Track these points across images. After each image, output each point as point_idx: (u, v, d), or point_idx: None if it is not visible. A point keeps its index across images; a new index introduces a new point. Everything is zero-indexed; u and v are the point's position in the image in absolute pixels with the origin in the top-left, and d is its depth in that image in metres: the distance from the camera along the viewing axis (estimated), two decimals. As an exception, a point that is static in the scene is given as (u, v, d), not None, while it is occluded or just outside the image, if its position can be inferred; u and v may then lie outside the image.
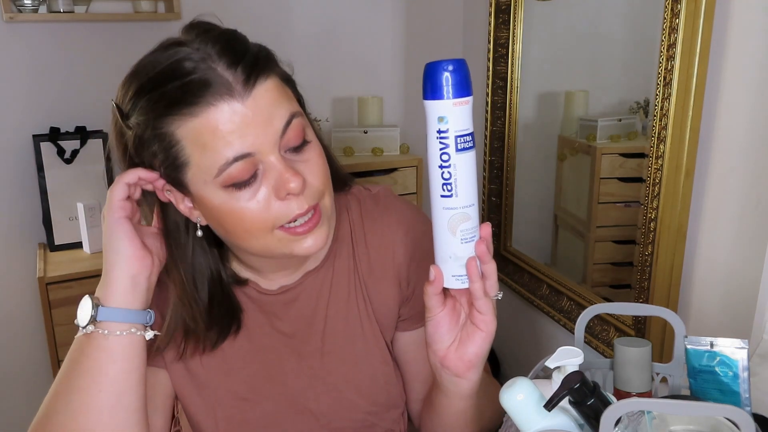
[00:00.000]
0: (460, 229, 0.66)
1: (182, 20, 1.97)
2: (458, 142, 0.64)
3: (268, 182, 0.71)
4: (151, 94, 0.69)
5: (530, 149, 1.82)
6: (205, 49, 0.69)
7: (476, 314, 0.71)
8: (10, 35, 1.88)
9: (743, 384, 0.74)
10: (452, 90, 0.64)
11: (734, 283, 1.10)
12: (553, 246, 1.79)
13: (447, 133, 0.64)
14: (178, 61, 0.68)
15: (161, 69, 0.69)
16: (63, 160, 1.93)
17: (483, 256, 0.67)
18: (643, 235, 1.24)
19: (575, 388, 0.61)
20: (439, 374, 0.76)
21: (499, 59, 1.79)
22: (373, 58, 2.27)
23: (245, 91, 0.68)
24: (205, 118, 0.68)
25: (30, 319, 2.02)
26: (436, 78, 0.64)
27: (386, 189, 0.94)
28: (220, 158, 0.68)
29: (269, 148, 0.70)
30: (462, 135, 0.64)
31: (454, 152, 0.64)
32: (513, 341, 1.95)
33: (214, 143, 0.68)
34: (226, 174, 0.69)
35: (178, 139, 0.69)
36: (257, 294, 0.87)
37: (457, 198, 0.65)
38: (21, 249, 2.00)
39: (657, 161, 1.17)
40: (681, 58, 1.10)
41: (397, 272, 0.89)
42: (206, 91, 0.67)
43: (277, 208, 0.71)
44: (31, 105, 1.94)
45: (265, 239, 0.73)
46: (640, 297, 1.27)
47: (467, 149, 0.65)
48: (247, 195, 0.71)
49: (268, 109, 0.69)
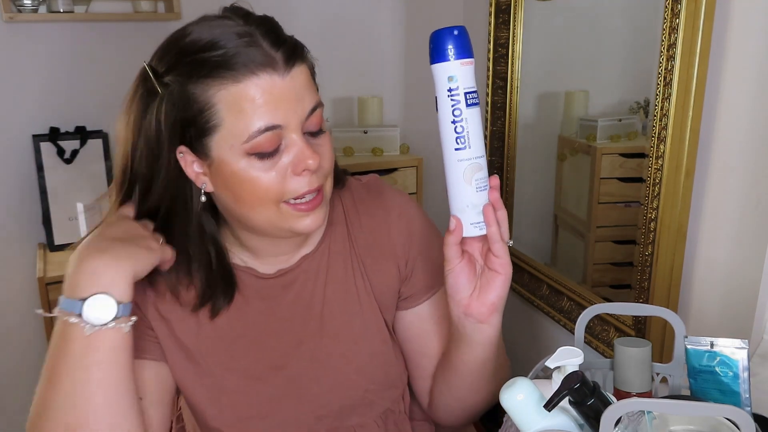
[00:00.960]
0: (475, 178, 0.73)
1: (182, 20, 1.97)
2: (467, 98, 0.71)
3: (288, 157, 0.75)
4: (195, 56, 0.73)
5: (530, 149, 1.81)
6: (249, 29, 0.74)
7: (494, 259, 0.75)
8: (10, 35, 1.88)
9: (743, 384, 0.74)
10: (460, 51, 0.71)
11: (734, 283, 1.10)
12: (553, 246, 1.79)
13: (457, 90, 0.71)
14: (225, 32, 0.73)
15: (206, 39, 0.73)
16: (63, 160, 1.93)
17: (496, 202, 0.73)
18: (643, 235, 1.24)
19: (575, 388, 0.61)
20: (462, 324, 0.80)
21: (499, 59, 1.79)
22: (373, 58, 2.28)
23: (286, 69, 0.73)
24: (247, 85, 0.72)
25: (30, 319, 2.02)
26: (444, 42, 0.71)
27: (375, 177, 0.99)
28: (252, 125, 0.73)
29: (295, 125, 0.75)
30: (470, 92, 0.71)
31: (465, 107, 0.71)
32: (513, 341, 1.95)
33: (251, 110, 0.72)
34: (255, 141, 0.73)
35: (214, 102, 0.73)
36: (255, 279, 0.89)
37: (470, 149, 0.72)
38: (21, 249, 2.00)
39: (657, 161, 1.17)
40: (681, 58, 1.10)
41: (394, 252, 0.92)
42: (252, 61, 0.72)
43: (290, 181, 0.76)
44: (31, 105, 1.94)
45: (270, 211, 0.77)
46: (640, 297, 1.27)
47: (475, 104, 0.72)
48: (266, 165, 0.75)
49: (301, 89, 0.75)
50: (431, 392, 0.96)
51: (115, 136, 0.82)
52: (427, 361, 0.95)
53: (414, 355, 0.96)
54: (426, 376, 0.96)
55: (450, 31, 0.70)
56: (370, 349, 0.92)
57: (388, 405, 0.94)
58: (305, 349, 0.90)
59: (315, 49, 0.82)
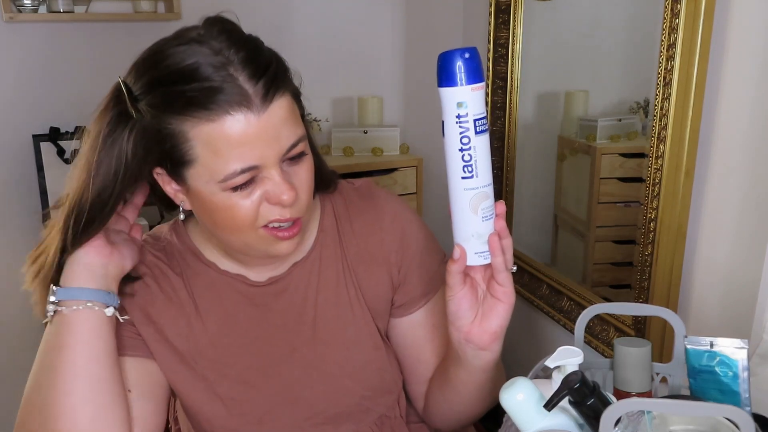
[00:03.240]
0: (481, 208, 0.70)
1: (182, 20, 1.97)
2: (477, 125, 0.68)
3: (263, 187, 0.74)
4: (168, 88, 0.71)
5: (530, 149, 1.81)
6: (227, 55, 0.70)
7: (497, 287, 0.74)
8: (10, 35, 1.88)
9: (743, 384, 0.74)
10: (469, 76, 0.67)
11: (734, 283, 1.10)
12: (553, 246, 1.79)
13: (466, 118, 0.67)
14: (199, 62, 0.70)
15: (181, 67, 0.70)
16: (63, 160, 1.93)
17: (502, 231, 0.71)
18: (643, 235, 1.24)
19: (575, 388, 0.61)
20: (462, 350, 0.78)
21: (499, 59, 1.79)
22: (373, 58, 2.27)
23: (262, 106, 0.70)
24: (221, 124, 0.70)
25: (30, 320, 2.02)
26: (454, 65, 0.67)
27: (368, 181, 0.97)
28: (228, 167, 0.71)
29: (272, 162, 0.73)
30: (479, 118, 0.68)
31: (474, 135, 0.68)
32: (513, 341, 1.95)
33: (226, 151, 0.71)
34: (231, 182, 0.72)
35: (189, 138, 0.72)
36: (246, 287, 0.88)
37: (477, 178, 0.69)
38: (21, 249, 1.99)
39: (657, 161, 1.17)
40: (681, 58, 1.10)
41: (387, 259, 0.91)
42: (225, 99, 0.69)
43: (265, 209, 0.75)
44: (31, 105, 1.94)
45: (248, 235, 0.77)
46: (640, 297, 1.27)
47: (484, 131, 0.69)
48: (243, 194, 0.74)
49: (279, 126, 0.72)
50: (427, 400, 0.95)
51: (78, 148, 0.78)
52: (422, 367, 0.94)
53: (409, 361, 0.95)
54: (421, 381, 0.95)
55: (461, 53, 0.66)
56: (363, 356, 0.91)
57: (383, 411, 0.93)
58: (298, 356, 0.89)
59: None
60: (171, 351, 0.86)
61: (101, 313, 0.78)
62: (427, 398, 0.94)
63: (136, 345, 0.85)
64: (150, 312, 0.86)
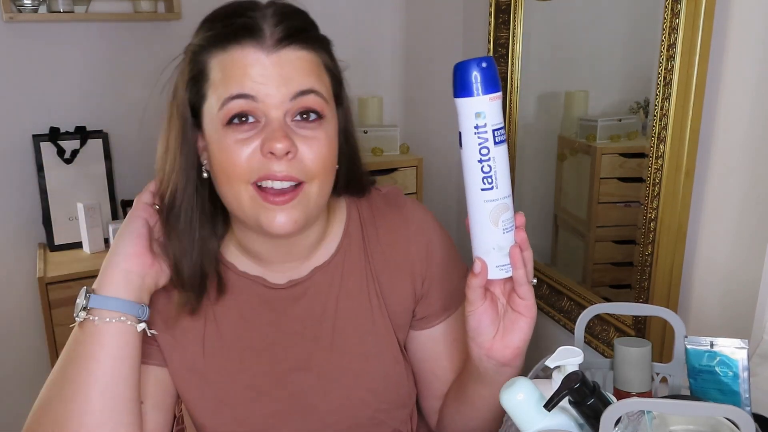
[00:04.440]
0: (502, 220, 0.69)
1: (182, 20, 1.97)
2: (495, 135, 0.66)
3: (261, 136, 0.73)
4: (208, 25, 0.77)
5: (530, 149, 1.81)
6: (264, 9, 0.75)
7: (519, 301, 0.72)
8: (10, 35, 1.88)
9: (743, 384, 0.74)
10: (487, 86, 0.65)
11: (734, 282, 1.10)
12: (553, 246, 1.79)
13: (485, 128, 0.66)
14: (242, 7, 0.75)
15: (224, 7, 0.77)
16: (63, 160, 1.93)
17: (523, 243, 0.70)
18: (643, 235, 1.24)
19: (575, 388, 0.61)
20: (483, 365, 0.77)
21: (499, 59, 1.79)
22: (373, 58, 2.27)
23: (274, 47, 0.73)
24: (231, 53, 0.73)
25: (30, 320, 2.02)
26: (470, 75, 0.65)
27: (395, 188, 0.95)
28: (226, 92, 0.73)
29: (274, 104, 0.73)
30: (498, 128, 0.66)
31: (493, 145, 0.66)
32: (513, 341, 1.95)
33: (229, 79, 0.73)
34: (227, 108, 0.73)
35: (209, 69, 0.75)
36: (265, 289, 0.86)
37: (497, 190, 0.67)
38: (21, 249, 2.00)
39: (657, 161, 1.17)
40: (681, 58, 1.10)
41: (411, 270, 0.89)
42: (244, 33, 0.73)
43: (256, 160, 0.73)
44: (31, 105, 1.94)
45: (239, 190, 0.74)
46: (640, 297, 1.27)
47: (502, 142, 0.67)
48: (240, 138, 0.73)
49: (288, 71, 0.73)
50: (441, 415, 0.92)
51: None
52: (438, 382, 0.91)
53: (426, 375, 0.92)
54: (437, 396, 0.92)
55: (477, 62, 0.64)
56: (382, 368, 0.88)
57: (396, 425, 0.91)
58: (314, 365, 0.86)
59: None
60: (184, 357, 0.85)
61: (133, 328, 0.76)
62: (442, 413, 0.92)
63: (153, 353, 0.84)
64: (168, 318, 0.84)
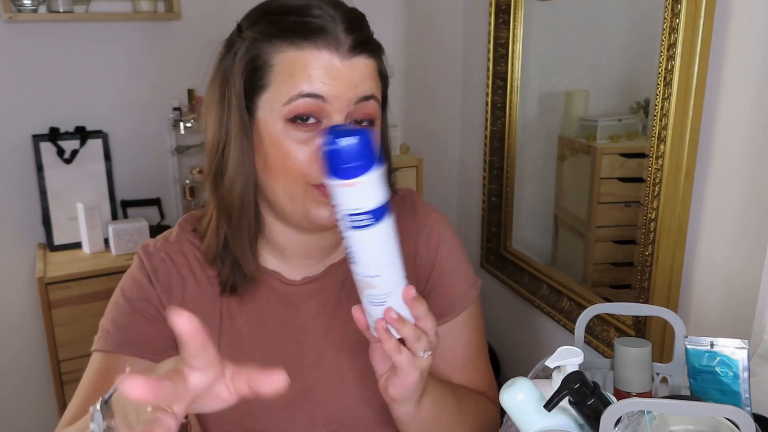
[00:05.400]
0: (366, 293, 0.67)
1: (182, 20, 1.97)
2: (351, 220, 0.62)
3: (320, 137, 0.73)
4: (272, 17, 0.77)
5: (530, 149, 1.81)
6: (332, 11, 0.76)
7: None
8: (10, 35, 1.88)
9: (743, 384, 0.74)
10: (340, 171, 0.60)
11: (734, 283, 1.10)
12: (553, 246, 1.79)
13: (339, 209, 0.62)
14: (309, 6, 0.76)
15: (291, 3, 0.77)
16: (63, 160, 1.93)
17: (391, 323, 0.68)
18: (643, 235, 1.24)
19: (575, 388, 0.61)
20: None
21: (499, 59, 1.79)
22: (373, 58, 2.27)
23: (348, 54, 0.74)
24: (305, 54, 0.74)
25: (30, 319, 2.02)
26: (325, 156, 0.61)
27: (412, 191, 0.96)
28: (295, 89, 0.74)
29: (340, 107, 0.74)
30: (355, 214, 0.61)
31: (348, 229, 0.62)
32: (513, 341, 1.95)
33: (299, 76, 0.74)
34: (293, 105, 0.74)
35: (273, 63, 0.75)
36: (281, 285, 0.87)
37: (358, 266, 0.66)
38: (21, 249, 2.00)
39: (657, 161, 1.17)
40: (681, 58, 1.10)
41: (416, 272, 0.90)
42: (319, 35, 0.74)
43: (316, 162, 0.74)
44: (31, 105, 1.94)
45: (294, 186, 0.76)
46: (640, 297, 1.27)
47: (364, 227, 0.62)
48: (301, 137, 0.74)
49: (357, 77, 0.75)
50: None
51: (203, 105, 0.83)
52: None
53: None
54: None
55: (328, 141, 0.60)
56: None
57: None
58: (324, 362, 0.87)
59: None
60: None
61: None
62: None
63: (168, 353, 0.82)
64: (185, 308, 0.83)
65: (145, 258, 0.85)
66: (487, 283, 1.99)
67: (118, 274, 0.88)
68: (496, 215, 1.91)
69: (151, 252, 0.85)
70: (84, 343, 0.90)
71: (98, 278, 1.77)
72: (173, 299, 0.84)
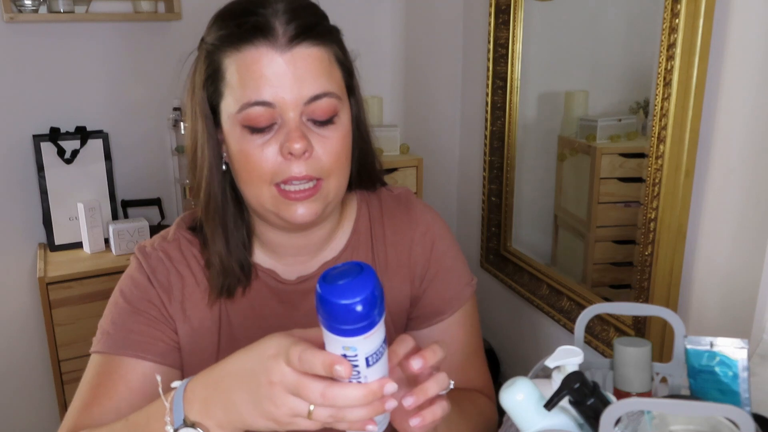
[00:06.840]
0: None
1: (182, 20, 1.97)
2: (369, 360, 0.56)
3: (279, 137, 0.73)
4: (221, 22, 0.76)
5: (530, 149, 1.82)
6: (277, 5, 0.74)
7: None
8: (10, 35, 1.88)
9: (743, 384, 0.74)
10: (363, 326, 0.53)
11: (734, 282, 1.10)
12: (553, 246, 1.79)
13: (356, 358, 0.56)
14: (254, 4, 0.74)
15: (232, 6, 0.76)
16: (63, 160, 1.93)
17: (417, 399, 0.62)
18: (643, 235, 1.24)
19: (575, 388, 0.61)
20: None
21: (499, 59, 1.79)
22: (373, 58, 2.27)
23: (287, 46, 0.72)
24: (245, 56, 0.73)
25: (30, 319, 2.02)
26: (344, 318, 0.53)
27: (407, 190, 0.96)
28: (243, 97, 0.73)
29: (290, 106, 0.73)
30: (372, 354, 0.56)
31: (365, 368, 0.56)
32: (513, 341, 1.95)
33: (245, 81, 0.73)
34: (245, 114, 0.73)
35: (224, 69, 0.75)
36: (275, 283, 0.87)
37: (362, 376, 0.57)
38: (21, 249, 2.00)
39: (657, 161, 1.17)
40: (681, 58, 1.10)
41: (411, 270, 0.90)
42: (256, 33, 0.72)
43: (277, 163, 0.74)
44: (31, 105, 1.94)
45: (260, 190, 0.76)
46: (640, 297, 1.27)
47: (378, 360, 0.56)
48: (258, 141, 0.74)
49: (303, 71, 0.73)
50: None
51: None
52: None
53: None
54: None
55: (352, 306, 0.52)
56: None
57: None
58: None
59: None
60: (196, 351, 0.85)
61: None
62: None
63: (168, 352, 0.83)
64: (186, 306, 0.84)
65: (142, 258, 0.84)
66: (487, 283, 1.99)
67: (119, 273, 0.88)
68: (496, 215, 1.91)
69: (149, 252, 0.85)
70: (85, 343, 0.90)
71: (99, 278, 1.77)
72: (173, 299, 0.84)
